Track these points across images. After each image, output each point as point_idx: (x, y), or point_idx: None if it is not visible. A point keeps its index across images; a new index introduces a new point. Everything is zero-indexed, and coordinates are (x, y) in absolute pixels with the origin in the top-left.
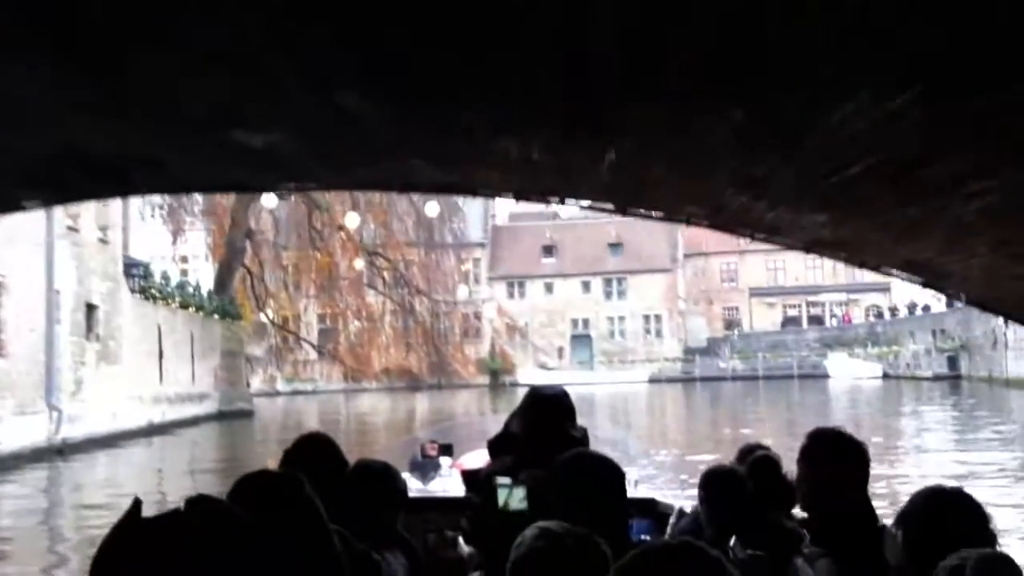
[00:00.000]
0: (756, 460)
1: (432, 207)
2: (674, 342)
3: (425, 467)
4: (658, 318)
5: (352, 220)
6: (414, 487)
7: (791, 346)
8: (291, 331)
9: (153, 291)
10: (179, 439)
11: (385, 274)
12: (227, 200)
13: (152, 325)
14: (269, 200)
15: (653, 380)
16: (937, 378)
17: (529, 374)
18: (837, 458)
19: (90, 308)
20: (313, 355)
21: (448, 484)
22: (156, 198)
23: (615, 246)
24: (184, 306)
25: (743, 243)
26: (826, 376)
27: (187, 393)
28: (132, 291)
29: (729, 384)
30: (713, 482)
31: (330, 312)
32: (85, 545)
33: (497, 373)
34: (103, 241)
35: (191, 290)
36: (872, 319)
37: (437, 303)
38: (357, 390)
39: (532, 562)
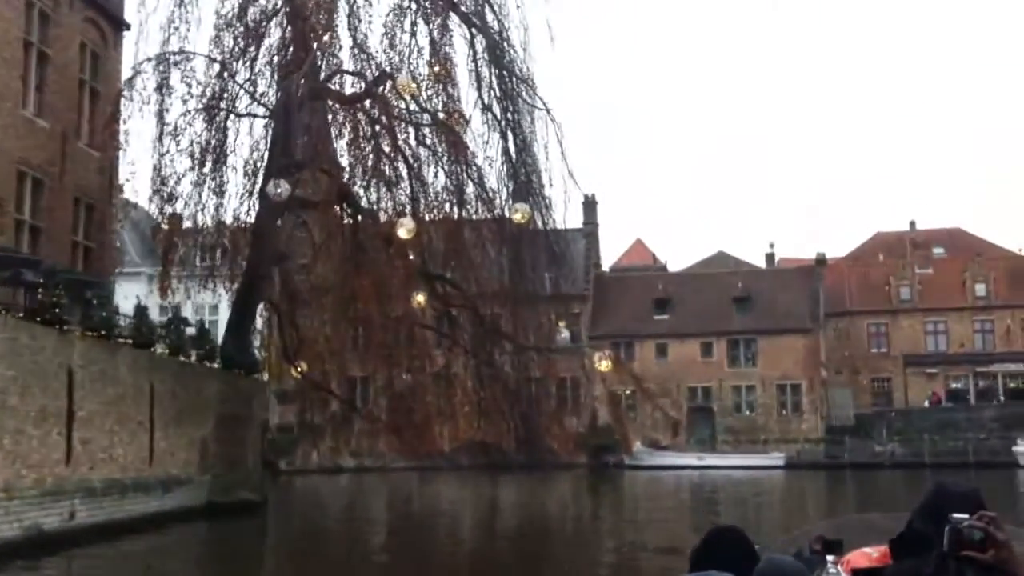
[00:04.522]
0: None
1: (522, 208)
2: (815, 418)
3: (811, 563)
4: (795, 389)
5: (405, 229)
6: None
7: (963, 426)
8: (330, 390)
9: (59, 311)
10: (90, 559)
11: (456, 315)
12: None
13: (54, 368)
14: (280, 187)
15: (791, 465)
16: None
17: (637, 454)
18: None
19: None
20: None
21: None
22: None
23: (742, 300)
24: (143, 345)
25: (895, 301)
26: (1016, 465)
27: (134, 479)
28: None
29: (887, 472)
30: None
31: (383, 367)
32: None
33: (600, 451)
34: None
35: (160, 322)
36: None
37: (527, 356)
38: (434, 468)
39: None
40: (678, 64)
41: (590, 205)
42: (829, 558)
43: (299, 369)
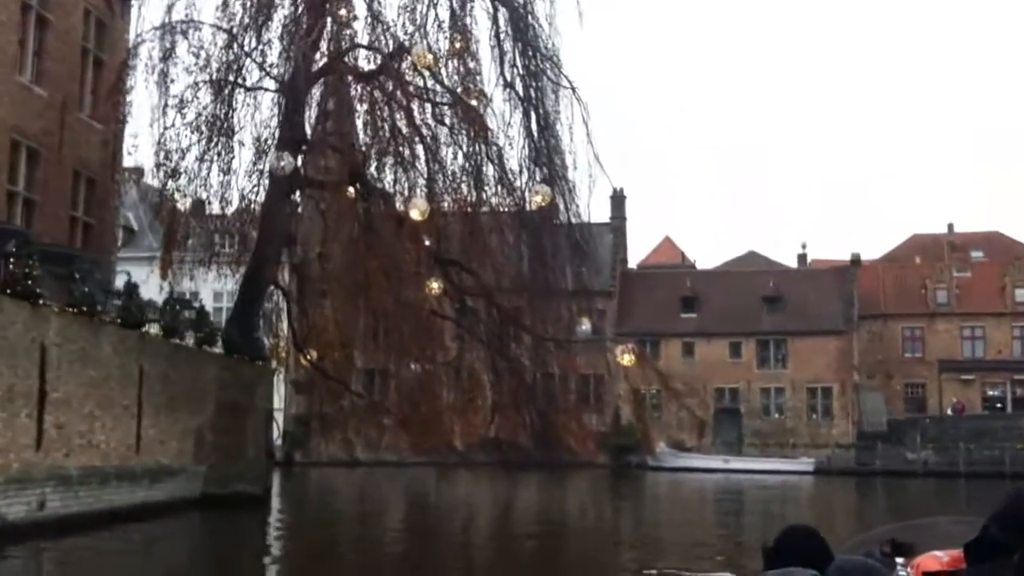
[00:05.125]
0: None
1: (542, 190)
2: (846, 423)
3: (881, 565)
4: (826, 392)
5: (418, 210)
6: None
7: (1000, 435)
8: (339, 380)
9: (31, 283)
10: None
11: (471, 304)
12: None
13: (25, 344)
14: (284, 160)
15: (820, 471)
16: None
17: (660, 455)
18: None
19: None
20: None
21: None
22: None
23: (772, 300)
24: (132, 325)
25: (931, 304)
26: None
27: (117, 467)
28: None
29: (919, 481)
30: None
31: (394, 356)
32: None
33: (622, 451)
34: None
35: (152, 300)
36: None
37: (545, 349)
38: (451, 464)
39: None
40: (711, 59)
41: (618, 200)
42: (899, 560)
43: (308, 357)
